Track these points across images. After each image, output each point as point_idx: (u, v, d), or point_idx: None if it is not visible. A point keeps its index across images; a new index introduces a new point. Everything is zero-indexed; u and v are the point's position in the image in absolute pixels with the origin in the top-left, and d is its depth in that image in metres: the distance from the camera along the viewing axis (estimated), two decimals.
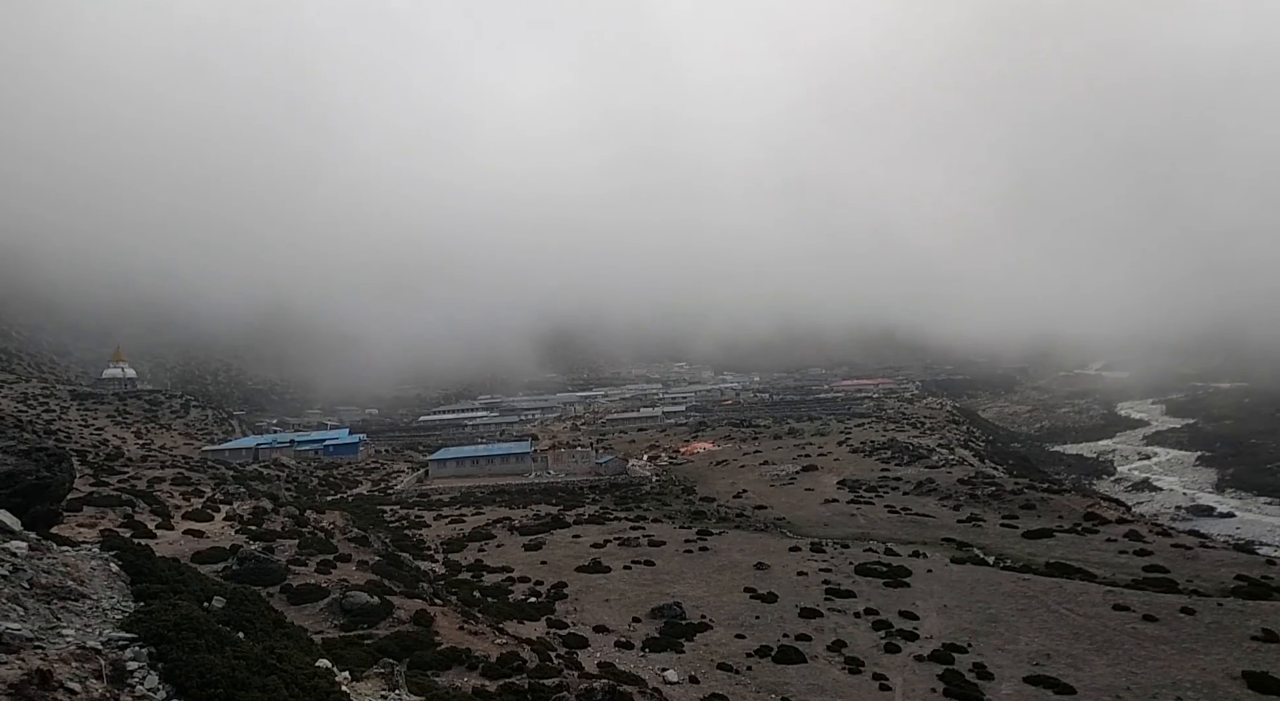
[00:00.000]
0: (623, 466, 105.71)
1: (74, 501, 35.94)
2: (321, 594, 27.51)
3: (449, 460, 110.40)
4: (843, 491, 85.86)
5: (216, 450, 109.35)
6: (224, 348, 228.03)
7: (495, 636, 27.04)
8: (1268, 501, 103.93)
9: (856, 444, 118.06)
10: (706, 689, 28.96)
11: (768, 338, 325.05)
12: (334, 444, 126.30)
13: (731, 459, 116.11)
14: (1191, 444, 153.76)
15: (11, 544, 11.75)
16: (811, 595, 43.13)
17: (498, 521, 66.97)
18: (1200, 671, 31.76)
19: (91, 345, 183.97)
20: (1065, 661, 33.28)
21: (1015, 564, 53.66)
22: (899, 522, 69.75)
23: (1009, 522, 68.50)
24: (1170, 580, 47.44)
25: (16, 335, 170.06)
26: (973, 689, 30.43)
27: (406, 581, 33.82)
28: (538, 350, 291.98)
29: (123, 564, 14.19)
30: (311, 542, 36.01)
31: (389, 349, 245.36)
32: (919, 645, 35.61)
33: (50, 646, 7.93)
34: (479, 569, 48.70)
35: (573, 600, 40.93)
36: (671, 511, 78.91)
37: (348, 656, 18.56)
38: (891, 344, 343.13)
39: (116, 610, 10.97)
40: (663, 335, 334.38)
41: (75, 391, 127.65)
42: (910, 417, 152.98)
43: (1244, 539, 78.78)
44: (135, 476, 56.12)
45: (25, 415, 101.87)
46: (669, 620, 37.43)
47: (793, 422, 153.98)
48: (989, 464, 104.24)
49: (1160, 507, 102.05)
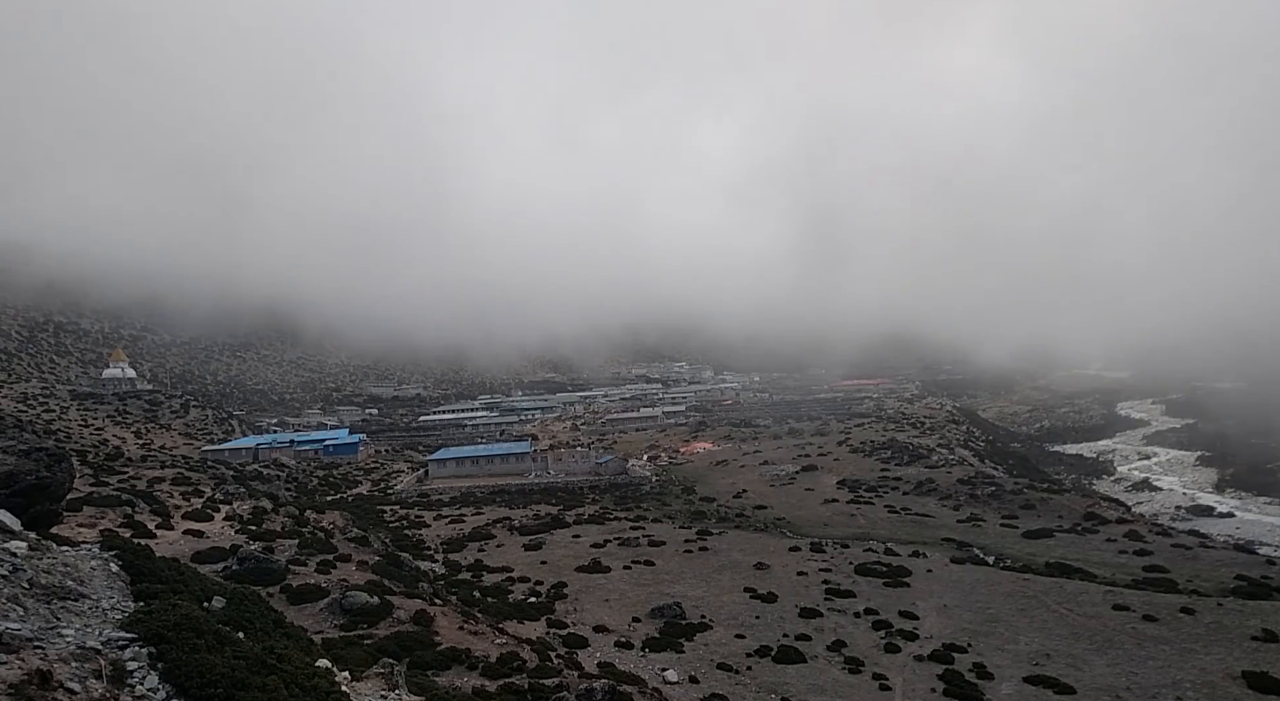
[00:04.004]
0: (623, 466, 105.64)
1: (74, 501, 35.97)
2: (321, 594, 27.51)
3: (449, 460, 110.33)
4: (843, 491, 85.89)
5: (216, 450, 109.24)
6: (224, 347, 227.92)
7: (495, 636, 27.03)
8: (1268, 501, 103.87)
9: (856, 444, 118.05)
10: (706, 689, 28.96)
11: (767, 338, 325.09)
12: (334, 444, 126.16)
13: (731, 459, 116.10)
14: (1191, 444, 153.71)
15: (11, 544, 11.75)
16: (811, 595, 43.15)
17: (498, 521, 66.98)
18: (1200, 671, 31.75)
19: (91, 345, 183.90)
20: (1065, 661, 33.27)
21: (1015, 564, 53.68)
22: (899, 522, 69.77)
23: (1009, 522, 68.54)
24: (1170, 580, 47.46)
25: (16, 335, 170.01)
26: (972, 689, 30.42)
27: (406, 581, 33.81)
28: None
29: (123, 564, 14.18)
30: (311, 542, 36.01)
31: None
32: (919, 645, 35.62)
33: (50, 646, 7.92)
34: (479, 569, 48.71)
35: (573, 600, 40.93)
36: (671, 511, 78.92)
37: (347, 656, 18.57)
38: (891, 344, 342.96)
39: (116, 610, 10.96)
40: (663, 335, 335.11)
41: (75, 391, 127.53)
42: (910, 417, 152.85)
43: (1244, 539, 78.72)
44: (135, 476, 56.16)
45: (25, 415, 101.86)
46: (669, 620, 37.43)
47: (793, 422, 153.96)
48: (989, 464, 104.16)
49: (1160, 507, 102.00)
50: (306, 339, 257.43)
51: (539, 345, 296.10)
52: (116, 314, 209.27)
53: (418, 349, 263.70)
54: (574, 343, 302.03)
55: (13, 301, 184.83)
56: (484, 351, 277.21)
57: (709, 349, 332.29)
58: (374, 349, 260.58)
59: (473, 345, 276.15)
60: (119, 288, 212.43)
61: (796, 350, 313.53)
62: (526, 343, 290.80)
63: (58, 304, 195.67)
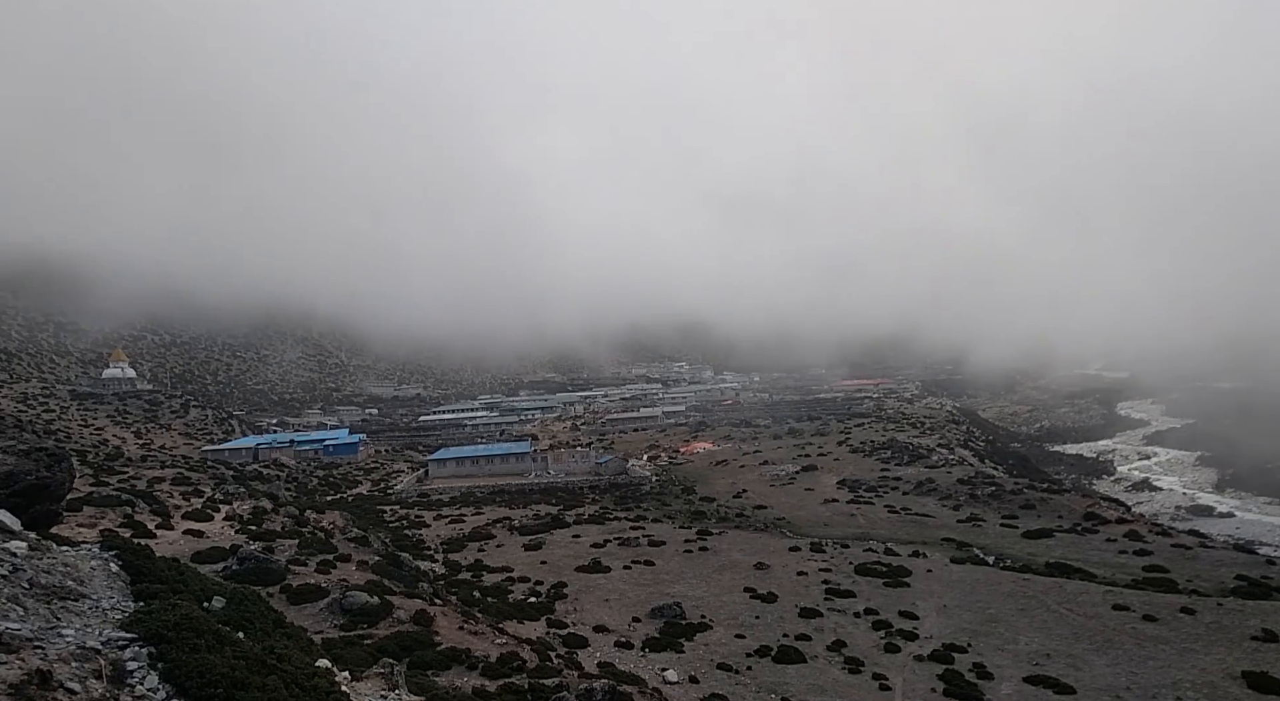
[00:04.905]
0: (623, 466, 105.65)
1: (74, 501, 35.97)
2: (321, 594, 27.50)
3: (449, 460, 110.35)
4: (843, 491, 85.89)
5: (216, 450, 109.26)
6: (224, 347, 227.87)
7: (495, 636, 27.02)
8: (1268, 501, 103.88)
9: (856, 444, 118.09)
10: (706, 689, 28.96)
11: (767, 338, 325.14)
12: (334, 444, 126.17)
13: (731, 459, 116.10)
14: (1191, 444, 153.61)
15: (11, 544, 11.75)
16: (811, 595, 43.15)
17: (498, 521, 67.00)
18: (1200, 671, 31.75)
19: (91, 345, 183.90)
20: (1065, 661, 33.27)
21: (1015, 564, 53.67)
22: (899, 522, 69.77)
23: (1009, 522, 68.52)
24: (1170, 580, 47.44)
25: (16, 335, 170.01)
26: (972, 689, 30.43)
27: (406, 581, 33.82)
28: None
29: (123, 564, 14.17)
30: (311, 542, 36.02)
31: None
32: (919, 645, 35.62)
33: (50, 646, 7.91)
34: (479, 569, 48.72)
35: (573, 600, 40.94)
36: (671, 511, 78.91)
37: (348, 656, 18.57)
38: (892, 344, 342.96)
39: (116, 610, 10.95)
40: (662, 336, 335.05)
41: (75, 391, 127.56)
42: (910, 417, 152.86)
43: (1244, 539, 78.71)
44: (135, 476, 56.18)
45: (25, 415, 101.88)
46: (669, 620, 37.44)
47: (792, 422, 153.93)
48: (989, 464, 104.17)
49: (1160, 507, 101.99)
50: (307, 339, 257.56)
51: (540, 345, 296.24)
52: (116, 313, 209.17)
53: (418, 349, 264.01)
54: (575, 342, 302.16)
55: (13, 301, 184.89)
56: (484, 352, 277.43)
57: (709, 349, 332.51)
58: (375, 349, 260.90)
59: (473, 346, 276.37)
60: (120, 287, 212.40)
61: (796, 350, 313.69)
62: (527, 343, 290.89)
63: (58, 304, 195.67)
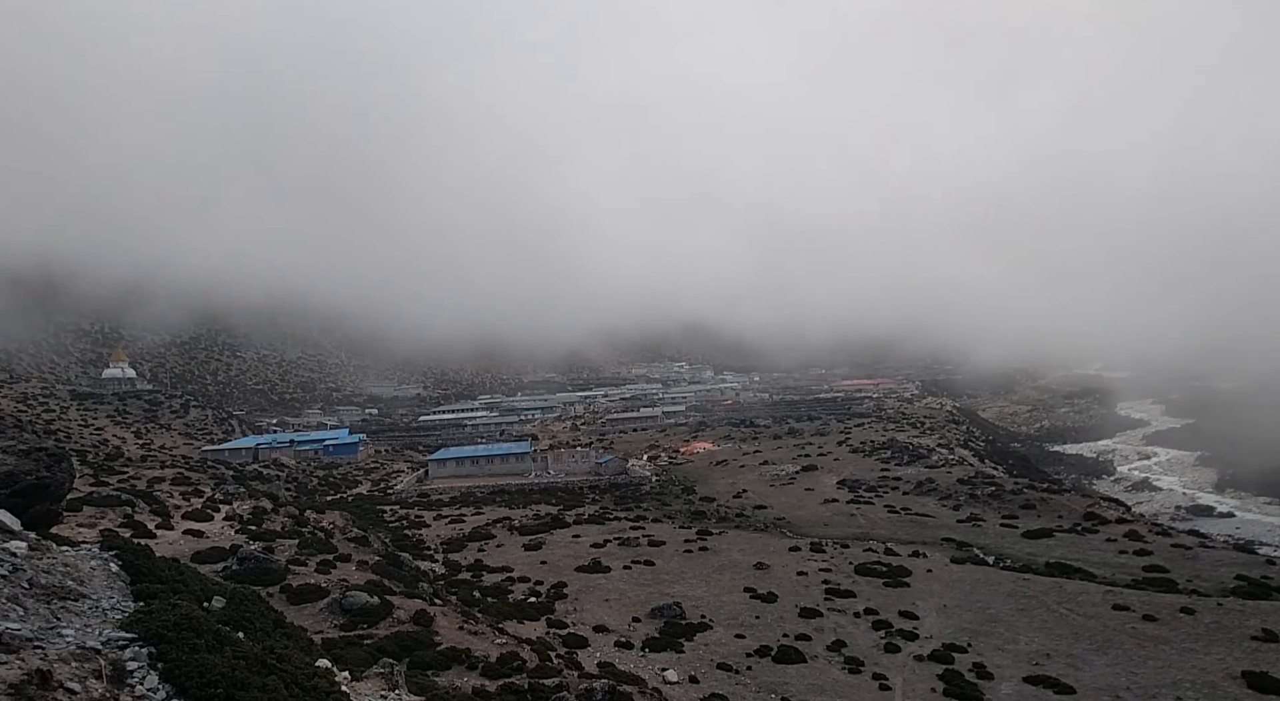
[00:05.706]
0: (623, 466, 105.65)
1: (74, 501, 35.97)
2: (321, 594, 27.50)
3: (449, 460, 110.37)
4: (843, 491, 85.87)
5: (216, 450, 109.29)
6: (224, 347, 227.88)
7: (495, 636, 27.02)
8: (1268, 501, 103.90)
9: (856, 444, 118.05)
10: (706, 689, 28.97)
11: (765, 337, 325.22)
12: (334, 444, 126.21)
13: (731, 459, 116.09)
14: (1191, 444, 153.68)
15: (11, 544, 11.75)
16: (811, 595, 43.15)
17: (498, 521, 66.99)
18: (1200, 671, 31.75)
19: (91, 345, 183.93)
20: (1065, 661, 33.27)
21: (1015, 564, 53.68)
22: (899, 522, 69.75)
23: (1009, 522, 68.50)
24: (1170, 580, 47.43)
25: (17, 335, 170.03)
26: (972, 689, 30.43)
27: (406, 581, 33.81)
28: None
29: (122, 564, 14.19)
30: (311, 542, 36.01)
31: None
32: (919, 645, 35.62)
33: (50, 646, 7.92)
34: (479, 569, 48.72)
35: (573, 600, 40.95)
36: (671, 511, 78.92)
37: (348, 656, 18.57)
38: (891, 344, 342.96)
39: (116, 610, 10.96)
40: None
41: (75, 391, 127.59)
42: (910, 417, 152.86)
43: (1244, 539, 78.72)
44: (135, 476, 56.15)
45: (25, 415, 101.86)
46: (669, 620, 37.44)
47: (792, 422, 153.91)
48: (989, 464, 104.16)
49: (1160, 507, 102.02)
50: (307, 339, 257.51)
51: (546, 347, 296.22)
52: (117, 313, 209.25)
53: (419, 349, 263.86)
54: (581, 344, 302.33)
55: (14, 301, 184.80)
56: (485, 351, 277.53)
57: (709, 349, 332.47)
58: (376, 349, 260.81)
59: (481, 349, 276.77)
60: (119, 287, 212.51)
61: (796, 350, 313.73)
62: (534, 344, 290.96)
63: (59, 303, 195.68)
